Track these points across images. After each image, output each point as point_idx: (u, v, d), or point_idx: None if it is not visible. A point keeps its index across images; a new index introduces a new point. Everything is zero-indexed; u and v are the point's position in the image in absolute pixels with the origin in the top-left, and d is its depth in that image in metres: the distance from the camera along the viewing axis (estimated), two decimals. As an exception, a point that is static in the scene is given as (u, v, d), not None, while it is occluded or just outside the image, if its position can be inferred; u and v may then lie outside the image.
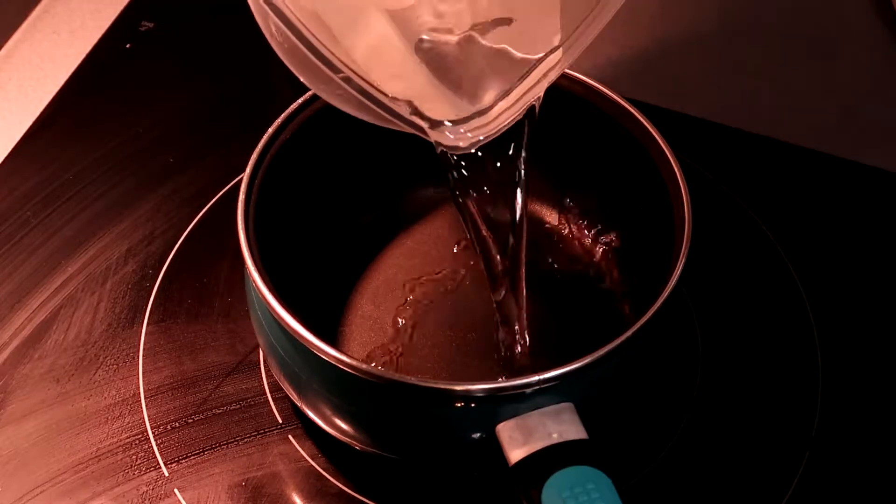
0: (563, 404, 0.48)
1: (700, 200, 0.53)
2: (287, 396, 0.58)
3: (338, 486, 0.56)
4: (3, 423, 0.58)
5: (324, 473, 0.56)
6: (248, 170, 0.53)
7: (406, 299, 0.60)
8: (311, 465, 0.56)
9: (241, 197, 0.52)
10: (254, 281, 0.49)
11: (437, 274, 0.61)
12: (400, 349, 0.58)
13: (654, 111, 0.56)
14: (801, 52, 0.70)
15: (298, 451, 0.57)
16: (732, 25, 0.71)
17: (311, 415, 0.53)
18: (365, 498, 0.55)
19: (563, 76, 0.57)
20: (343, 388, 0.50)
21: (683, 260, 0.50)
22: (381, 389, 0.48)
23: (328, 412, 0.52)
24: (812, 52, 0.70)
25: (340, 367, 0.47)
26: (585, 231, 0.63)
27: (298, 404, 0.54)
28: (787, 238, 0.66)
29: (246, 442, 0.57)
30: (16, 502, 0.55)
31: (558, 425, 0.47)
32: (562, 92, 0.58)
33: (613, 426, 0.53)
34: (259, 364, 0.60)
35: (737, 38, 0.71)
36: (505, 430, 0.47)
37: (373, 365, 0.48)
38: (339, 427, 0.52)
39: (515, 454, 0.46)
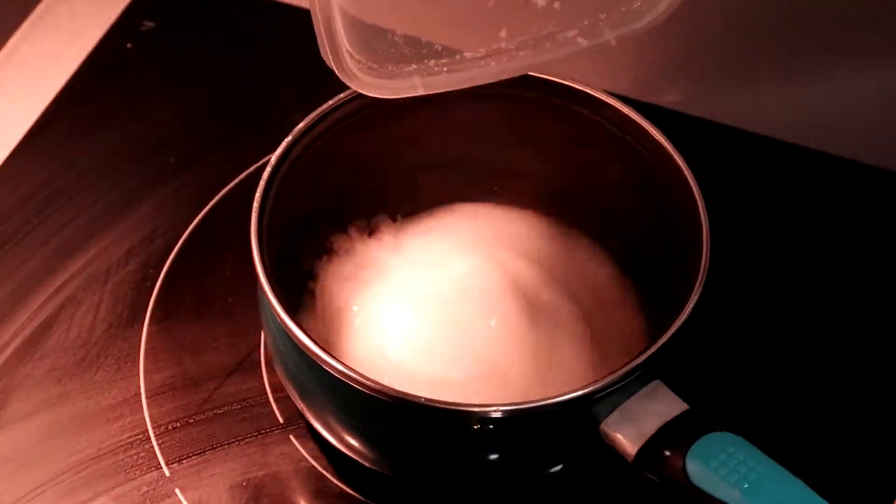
0: (653, 383, 0.46)
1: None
2: (288, 397, 0.58)
3: (339, 486, 0.56)
4: (4, 423, 0.58)
5: (325, 474, 0.56)
6: (261, 185, 0.51)
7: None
8: (313, 466, 0.56)
9: (256, 204, 0.51)
10: (268, 299, 0.48)
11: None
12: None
13: (654, 111, 0.56)
14: (803, 52, 0.70)
15: (300, 452, 0.57)
16: (734, 26, 0.71)
17: (323, 432, 0.53)
18: (366, 499, 0.55)
19: (566, 83, 0.56)
20: (364, 410, 0.48)
21: (706, 265, 0.49)
22: (407, 411, 0.46)
23: (346, 434, 0.51)
24: (813, 52, 0.70)
25: (362, 390, 0.45)
26: (594, 239, 0.62)
27: (308, 418, 0.54)
28: (788, 237, 0.66)
29: (247, 442, 0.57)
30: (16, 502, 0.55)
31: (659, 404, 0.45)
32: (566, 98, 0.57)
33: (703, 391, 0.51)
34: (260, 364, 0.60)
35: (737, 38, 0.71)
36: (609, 426, 0.45)
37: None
38: (358, 450, 0.52)
39: (632, 447, 0.45)
